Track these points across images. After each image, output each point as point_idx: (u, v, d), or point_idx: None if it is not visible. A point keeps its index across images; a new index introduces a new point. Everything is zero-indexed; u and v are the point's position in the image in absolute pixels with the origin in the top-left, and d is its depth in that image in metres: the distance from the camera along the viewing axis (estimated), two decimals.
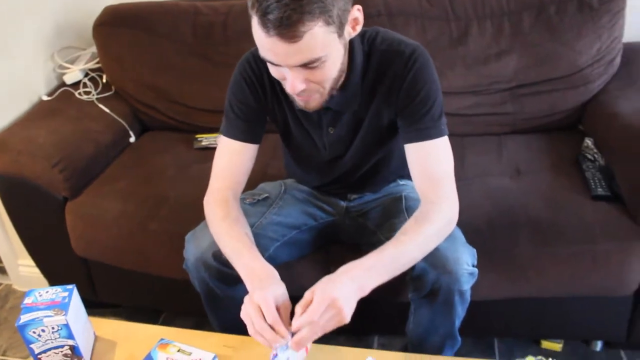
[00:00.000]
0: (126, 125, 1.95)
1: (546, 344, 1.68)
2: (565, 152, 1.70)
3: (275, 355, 1.03)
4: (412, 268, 1.16)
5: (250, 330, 1.04)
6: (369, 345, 1.72)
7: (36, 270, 2.03)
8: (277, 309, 1.04)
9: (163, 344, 1.16)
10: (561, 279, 1.44)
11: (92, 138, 1.81)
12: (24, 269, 2.07)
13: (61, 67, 2.02)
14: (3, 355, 1.84)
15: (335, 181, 1.44)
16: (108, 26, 1.99)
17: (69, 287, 1.19)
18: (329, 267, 1.53)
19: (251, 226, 1.29)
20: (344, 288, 1.03)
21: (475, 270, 1.20)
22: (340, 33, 1.04)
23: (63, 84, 2.01)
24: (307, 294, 1.02)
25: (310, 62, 1.02)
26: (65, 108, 1.89)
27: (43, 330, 1.12)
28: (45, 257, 1.86)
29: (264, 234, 1.36)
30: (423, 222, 1.12)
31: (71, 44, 2.12)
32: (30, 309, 1.14)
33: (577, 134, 1.78)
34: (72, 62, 2.06)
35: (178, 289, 1.68)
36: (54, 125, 1.78)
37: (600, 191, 1.48)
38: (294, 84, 1.06)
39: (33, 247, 1.85)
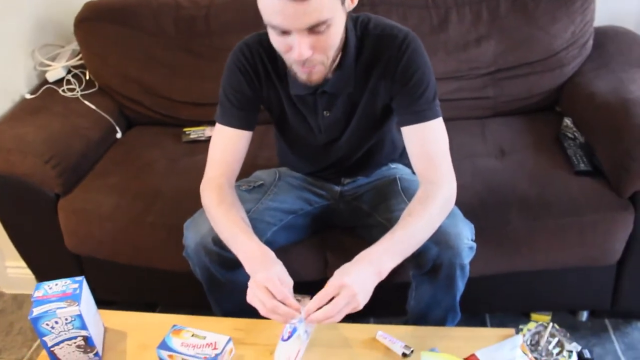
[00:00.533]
0: (112, 121, 1.94)
1: (535, 317, 1.75)
2: (545, 132, 1.77)
3: (295, 329, 1.06)
4: None
5: (262, 311, 1.07)
6: None
7: (24, 272, 2.01)
8: None
9: (176, 329, 1.18)
10: (551, 251, 1.51)
11: (81, 134, 1.80)
12: (12, 271, 2.05)
13: (42, 64, 2.00)
14: None
15: (330, 166, 1.47)
16: (89, 22, 1.97)
17: (78, 278, 1.20)
18: (325, 251, 1.57)
19: (248, 212, 1.32)
20: (360, 274, 1.07)
21: (474, 244, 1.26)
22: (342, 0, 1.08)
23: (45, 82, 1.98)
24: (331, 288, 1.06)
25: (318, 24, 1.05)
26: (50, 105, 1.87)
27: (56, 322, 1.13)
28: (37, 256, 1.85)
29: (260, 219, 1.39)
30: (427, 202, 1.17)
31: (50, 42, 2.09)
32: (41, 302, 1.14)
33: (555, 115, 1.86)
34: (52, 59, 2.03)
35: (173, 281, 1.71)
36: (41, 123, 1.77)
37: (582, 166, 1.56)
38: (301, 49, 1.08)
39: (24, 247, 1.83)
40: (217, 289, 1.42)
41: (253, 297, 1.08)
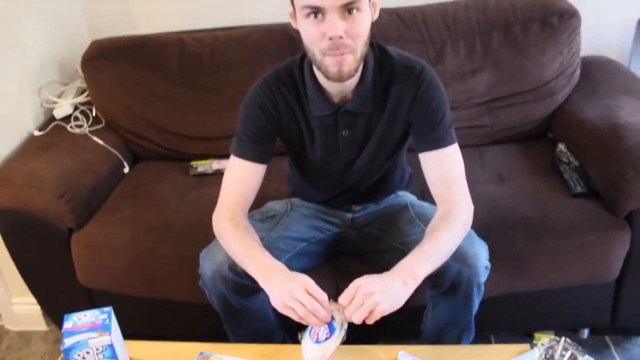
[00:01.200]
0: (120, 156, 1.98)
1: (538, 336, 1.80)
2: (540, 158, 1.86)
3: (332, 328, 1.12)
4: None
5: (300, 311, 1.10)
6: None
7: (31, 308, 2.02)
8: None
9: (204, 357, 1.21)
10: (552, 271, 1.58)
11: (91, 170, 1.84)
12: (18, 308, 2.05)
13: (49, 101, 2.04)
14: None
15: (343, 192, 1.53)
16: (96, 60, 2.03)
17: (106, 309, 1.23)
18: (337, 278, 1.62)
19: (260, 240, 1.36)
20: (382, 279, 1.13)
21: (489, 264, 1.32)
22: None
23: (53, 119, 2.02)
24: (352, 288, 1.13)
25: (351, 2, 1.15)
26: (59, 142, 1.91)
27: (87, 352, 1.15)
28: (47, 291, 1.86)
29: (274, 246, 1.43)
30: (449, 219, 1.24)
31: (55, 79, 2.14)
32: (72, 333, 1.17)
33: (548, 141, 1.95)
34: (58, 96, 2.08)
35: (186, 313, 1.74)
36: (51, 159, 1.80)
37: (579, 189, 1.64)
38: (336, 27, 1.16)
39: (34, 282, 1.84)
40: (233, 317, 1.45)
41: (289, 298, 1.11)
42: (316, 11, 1.17)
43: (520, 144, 1.97)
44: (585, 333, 1.82)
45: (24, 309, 2.04)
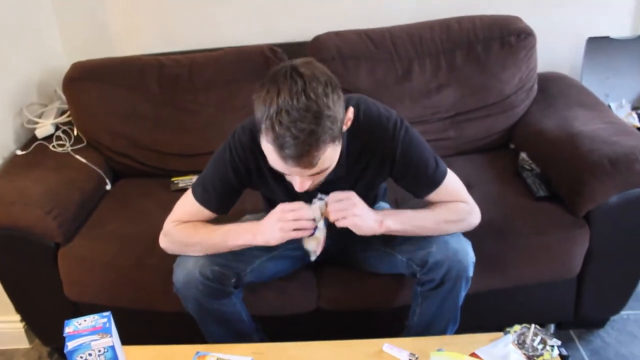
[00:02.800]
0: (102, 174, 2.03)
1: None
2: (504, 166, 1.99)
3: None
4: (425, 264, 1.35)
5: (300, 232, 1.29)
6: None
7: (13, 326, 2.04)
8: None
9: (201, 355, 1.28)
10: (521, 268, 1.70)
11: (76, 186, 1.88)
12: (0, 326, 2.05)
13: (30, 122, 2.08)
14: None
15: None
16: (77, 81, 2.08)
17: (106, 314, 1.28)
18: (318, 283, 1.70)
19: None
20: (366, 207, 1.32)
21: (475, 258, 1.43)
22: (340, 138, 1.18)
23: (35, 139, 2.06)
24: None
25: (321, 172, 1.20)
26: (42, 160, 1.95)
27: (90, 354, 1.20)
28: (33, 307, 1.88)
29: (248, 253, 1.46)
30: (451, 207, 1.40)
31: (34, 101, 2.18)
32: (74, 337, 1.22)
33: (510, 151, 2.09)
34: (39, 117, 2.12)
35: (173, 323, 1.77)
36: (37, 177, 1.84)
37: (542, 193, 1.77)
38: (302, 185, 1.22)
39: (19, 297, 1.86)
40: (207, 319, 1.51)
41: (286, 230, 1.28)
42: None
43: (484, 155, 2.10)
44: (552, 328, 1.94)
45: (6, 327, 2.05)
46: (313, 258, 1.37)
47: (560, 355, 1.30)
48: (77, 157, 2.01)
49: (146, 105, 2.10)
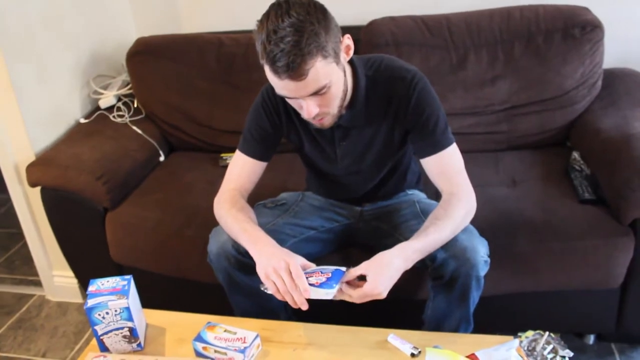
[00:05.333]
0: (157, 145, 2.13)
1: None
2: (555, 165, 1.90)
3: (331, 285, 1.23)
4: (434, 259, 1.34)
5: (281, 287, 1.22)
6: None
7: (69, 281, 2.19)
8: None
9: (210, 326, 1.33)
10: (555, 273, 1.62)
11: (129, 155, 2.00)
12: (58, 280, 2.23)
13: (95, 92, 2.22)
14: (43, 357, 1.98)
15: (349, 193, 1.62)
16: (140, 55, 2.19)
17: (127, 277, 1.36)
18: (346, 268, 1.70)
19: (265, 224, 1.49)
20: (392, 274, 1.25)
21: (489, 259, 1.39)
22: (337, 61, 1.25)
23: (98, 108, 2.20)
24: (362, 267, 1.26)
25: (319, 90, 1.24)
26: (102, 129, 2.08)
27: (107, 313, 1.28)
28: (82, 265, 2.03)
29: (280, 231, 1.54)
30: (451, 209, 1.34)
31: (103, 72, 2.32)
32: (95, 295, 1.30)
33: (566, 150, 1.98)
34: (105, 88, 2.26)
35: (205, 293, 1.85)
36: (94, 144, 1.97)
37: (587, 196, 1.68)
38: (309, 110, 1.27)
39: (71, 255, 2.01)
40: (237, 292, 1.55)
41: (272, 272, 1.23)
42: None
43: (537, 151, 2.01)
44: (591, 339, 1.85)
45: (63, 282, 2.22)
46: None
47: None
48: (134, 128, 2.12)
49: (203, 82, 2.18)
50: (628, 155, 1.62)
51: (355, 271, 1.26)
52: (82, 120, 2.13)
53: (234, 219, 1.40)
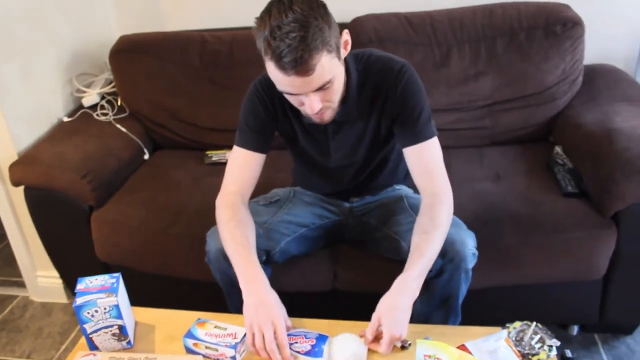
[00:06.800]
0: (141, 144, 2.12)
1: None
2: (538, 159, 1.93)
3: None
4: None
5: (258, 344, 1.22)
6: None
7: (53, 281, 2.17)
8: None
9: (201, 322, 1.32)
10: (540, 265, 1.64)
11: (113, 154, 1.98)
12: (42, 280, 2.20)
13: (79, 91, 2.20)
14: (28, 358, 1.96)
15: (339, 186, 1.63)
16: (123, 53, 2.18)
17: (115, 275, 1.35)
18: (335, 264, 1.71)
19: (264, 223, 1.51)
20: (404, 313, 1.26)
21: (477, 252, 1.41)
22: (338, 56, 1.26)
23: (81, 107, 2.18)
24: (375, 321, 1.25)
25: (324, 85, 1.24)
26: (85, 128, 2.07)
27: (96, 311, 1.27)
28: (68, 264, 2.01)
29: (275, 230, 1.56)
30: (435, 217, 1.34)
31: (85, 71, 2.30)
32: (83, 293, 1.29)
33: (548, 144, 2.01)
34: (88, 86, 2.24)
35: (192, 290, 1.85)
36: (78, 143, 1.95)
37: (570, 189, 1.71)
38: (312, 105, 1.27)
39: (56, 255, 1.99)
40: (233, 290, 1.55)
41: (256, 327, 1.23)
42: None
43: (520, 146, 2.04)
44: (575, 330, 1.88)
45: (47, 282, 2.20)
46: None
47: (565, 357, 1.25)
48: (118, 126, 2.11)
49: (187, 80, 2.18)
50: (610, 149, 1.65)
51: (372, 327, 1.25)
52: (65, 119, 2.11)
53: (230, 236, 1.39)
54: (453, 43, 2.04)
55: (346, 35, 1.31)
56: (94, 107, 2.19)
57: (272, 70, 1.22)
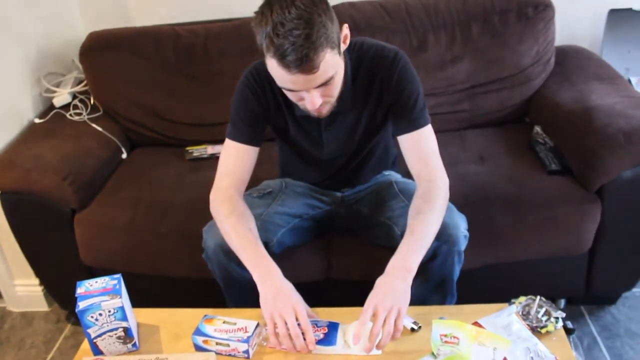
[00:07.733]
0: (118, 142, 2.06)
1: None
2: (518, 140, 1.98)
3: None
4: None
5: (282, 332, 1.20)
6: None
7: (32, 289, 2.10)
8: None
9: (208, 318, 1.30)
10: (530, 242, 1.69)
11: (92, 154, 1.93)
12: (21, 289, 2.12)
13: (48, 91, 2.12)
14: None
15: (330, 176, 1.63)
16: (94, 50, 2.11)
17: (116, 276, 1.31)
18: (328, 253, 1.72)
19: (259, 215, 1.49)
20: (398, 288, 1.23)
21: (468, 234, 1.43)
22: (340, 51, 1.24)
23: (52, 107, 2.10)
24: (369, 307, 1.21)
25: (326, 81, 1.22)
26: (60, 129, 1.99)
27: (100, 314, 1.23)
28: (50, 271, 1.94)
29: (271, 221, 1.54)
30: (429, 198, 1.34)
31: (53, 70, 2.21)
32: (85, 297, 1.25)
33: (525, 125, 2.07)
34: (56, 86, 2.16)
35: (184, 288, 1.82)
36: (54, 144, 1.88)
37: (553, 167, 1.75)
38: (314, 101, 1.25)
39: (37, 262, 1.92)
40: (233, 286, 1.53)
41: (278, 316, 1.21)
42: None
43: (498, 128, 2.08)
44: (562, 303, 1.94)
45: (25, 290, 2.12)
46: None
47: (567, 328, 1.29)
48: (94, 125, 2.05)
49: (162, 75, 2.13)
50: (591, 126, 1.70)
51: (367, 311, 1.21)
52: (37, 120, 2.03)
53: (234, 230, 1.36)
54: (429, 28, 2.06)
55: (346, 30, 1.28)
56: (66, 107, 2.11)
57: (275, 68, 1.19)
